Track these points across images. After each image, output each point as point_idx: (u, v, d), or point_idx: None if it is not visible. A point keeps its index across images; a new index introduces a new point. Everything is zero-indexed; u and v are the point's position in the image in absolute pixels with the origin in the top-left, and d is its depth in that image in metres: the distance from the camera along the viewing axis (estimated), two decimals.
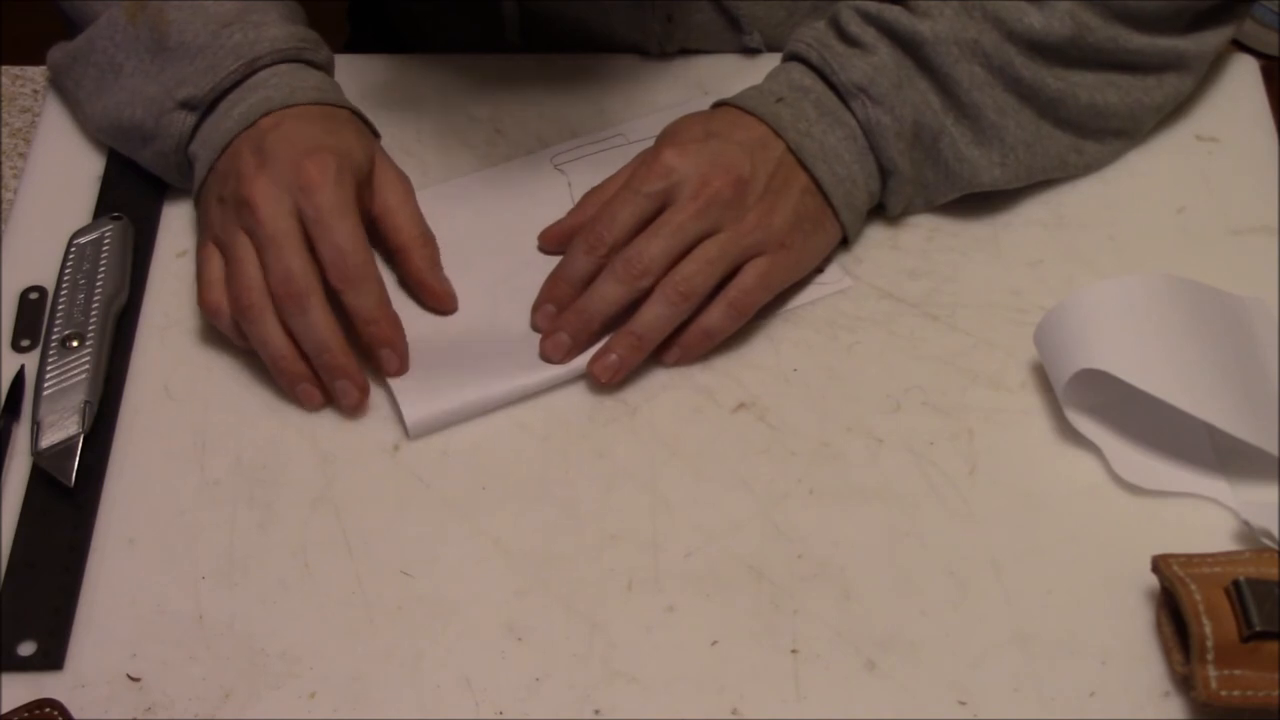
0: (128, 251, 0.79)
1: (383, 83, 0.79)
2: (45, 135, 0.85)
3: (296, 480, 0.71)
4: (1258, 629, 0.60)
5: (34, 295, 0.78)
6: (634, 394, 0.74)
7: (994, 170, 0.78)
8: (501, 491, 0.71)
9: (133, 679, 0.65)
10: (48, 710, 0.63)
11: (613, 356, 0.74)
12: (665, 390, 0.74)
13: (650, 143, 0.84)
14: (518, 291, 0.78)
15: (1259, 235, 0.80)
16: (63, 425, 0.71)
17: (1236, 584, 0.62)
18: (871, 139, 0.76)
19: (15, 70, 0.89)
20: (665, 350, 0.75)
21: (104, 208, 0.81)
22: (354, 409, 0.73)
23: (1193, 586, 0.62)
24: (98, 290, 0.76)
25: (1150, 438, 0.71)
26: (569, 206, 0.81)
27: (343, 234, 0.71)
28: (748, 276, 0.74)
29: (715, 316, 0.74)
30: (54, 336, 0.74)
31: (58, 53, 0.83)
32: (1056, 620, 0.66)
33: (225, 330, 0.74)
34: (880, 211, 0.80)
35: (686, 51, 0.89)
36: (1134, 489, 0.70)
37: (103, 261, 0.77)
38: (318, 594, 0.67)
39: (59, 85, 0.84)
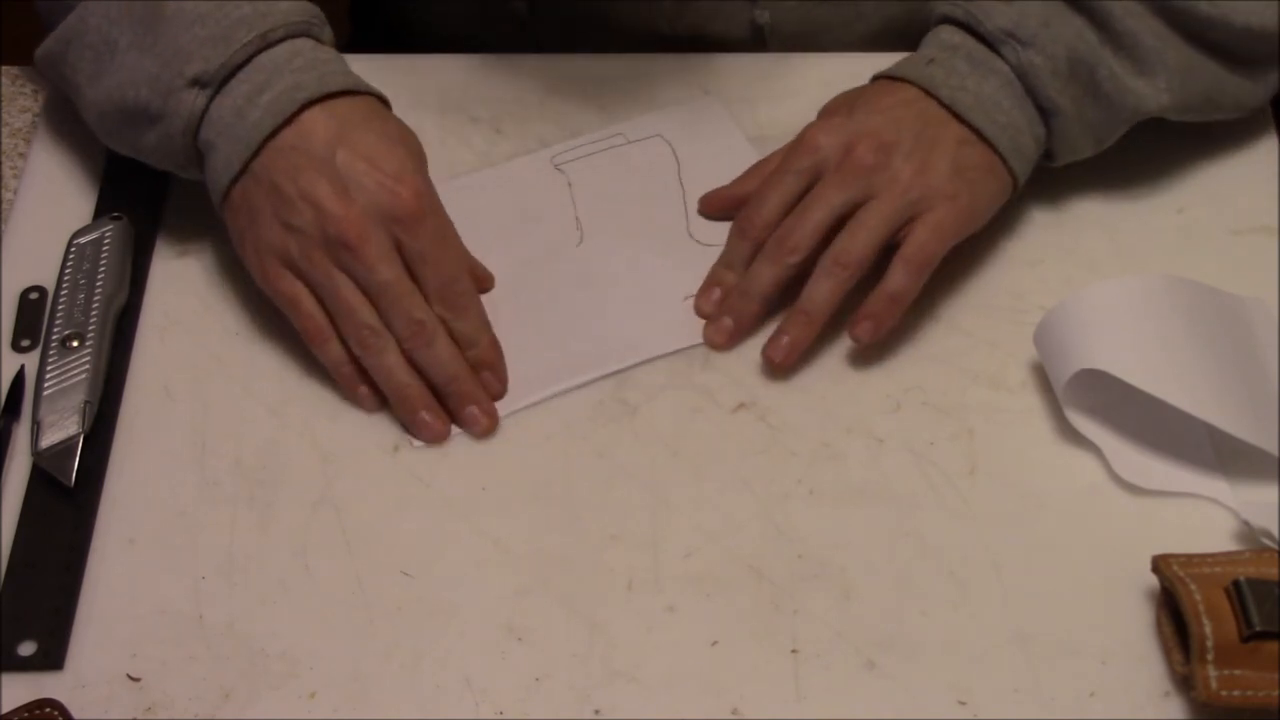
0: (128, 251, 0.78)
1: (383, 82, 0.78)
2: (45, 135, 0.85)
3: (297, 480, 0.71)
4: (1258, 629, 0.60)
5: (34, 295, 0.78)
6: (634, 394, 0.74)
7: (1160, 97, 0.76)
8: (501, 491, 0.71)
9: (133, 679, 0.65)
10: (48, 710, 0.63)
11: (785, 338, 0.74)
12: (665, 390, 0.74)
13: (651, 142, 0.84)
14: (518, 293, 0.78)
15: (1259, 235, 0.80)
16: (63, 425, 0.71)
17: (1236, 584, 0.62)
18: (1026, 82, 0.75)
19: (15, 70, 0.89)
20: (856, 325, 0.73)
21: (104, 208, 0.81)
22: (484, 433, 0.72)
23: (1193, 586, 0.62)
24: (98, 290, 0.76)
25: (1150, 438, 0.71)
26: (569, 206, 0.81)
27: (449, 264, 0.72)
28: (920, 231, 0.73)
29: (896, 278, 0.73)
30: (54, 336, 0.74)
31: (49, 43, 0.78)
32: (1056, 620, 0.66)
33: (331, 358, 0.73)
34: (1048, 161, 0.78)
35: (695, 37, 0.89)
36: (1134, 489, 0.70)
37: (103, 261, 0.77)
38: (318, 594, 0.67)
39: (56, 75, 0.79)
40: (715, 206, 0.81)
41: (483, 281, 0.78)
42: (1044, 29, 0.75)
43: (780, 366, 0.74)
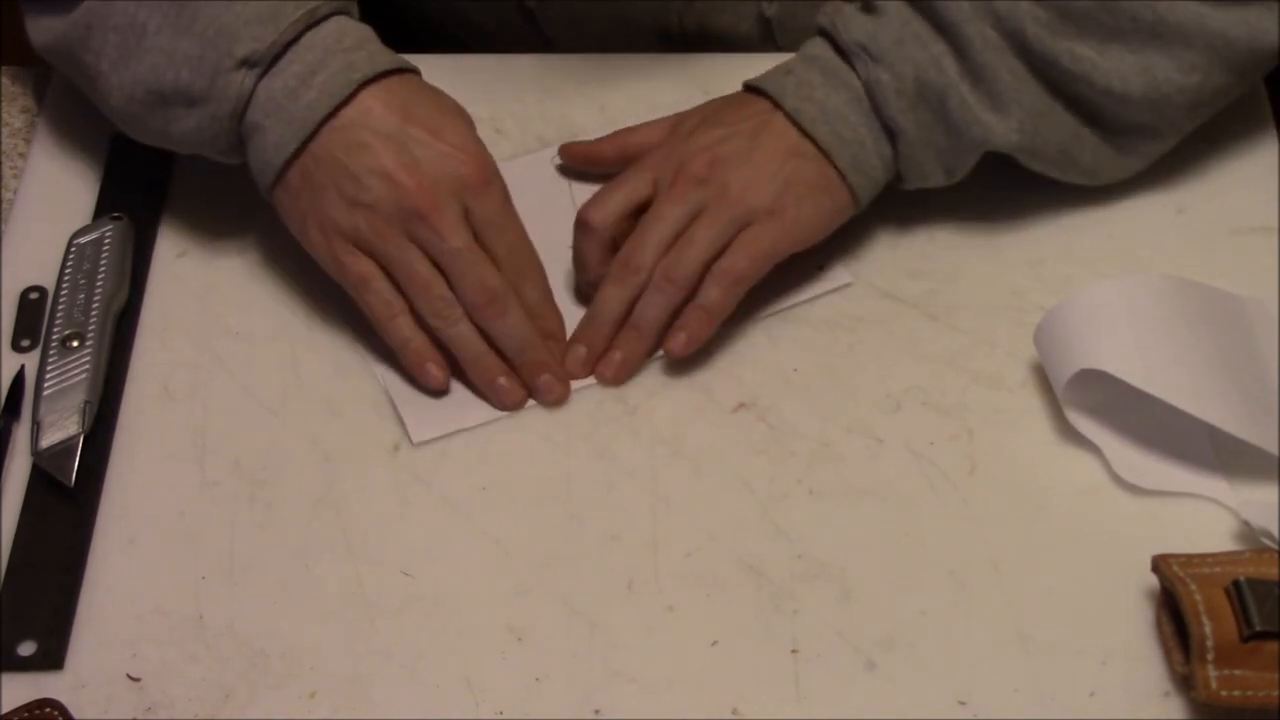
0: (128, 251, 0.78)
1: None
2: (45, 135, 0.85)
3: (296, 480, 0.71)
4: (1258, 629, 0.60)
5: (34, 295, 0.78)
6: (634, 394, 0.74)
7: (1010, 136, 0.75)
8: (501, 491, 0.71)
9: (133, 679, 0.65)
10: (48, 710, 0.63)
11: (616, 354, 0.74)
12: (665, 390, 0.74)
13: None
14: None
15: (1259, 235, 0.80)
16: (63, 425, 0.71)
17: (1236, 584, 0.62)
18: (872, 99, 0.75)
19: (15, 70, 0.89)
20: (670, 339, 0.74)
21: (104, 208, 0.81)
22: (558, 401, 0.74)
23: (1193, 586, 0.62)
24: (98, 290, 0.76)
25: (1150, 438, 0.71)
26: (569, 206, 0.81)
27: (515, 232, 0.74)
28: (735, 247, 0.73)
29: (708, 292, 0.73)
30: (54, 336, 0.74)
31: (60, 28, 0.75)
32: (1056, 620, 0.66)
33: (401, 335, 0.73)
34: (899, 184, 0.78)
35: (703, 29, 0.89)
36: (1134, 489, 0.70)
37: (103, 261, 0.77)
38: (318, 594, 0.67)
39: (69, 62, 0.77)
40: (576, 158, 0.83)
41: None
42: (896, 47, 0.74)
43: (612, 381, 0.74)
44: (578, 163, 0.83)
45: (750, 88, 0.78)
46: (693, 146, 0.75)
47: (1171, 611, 0.64)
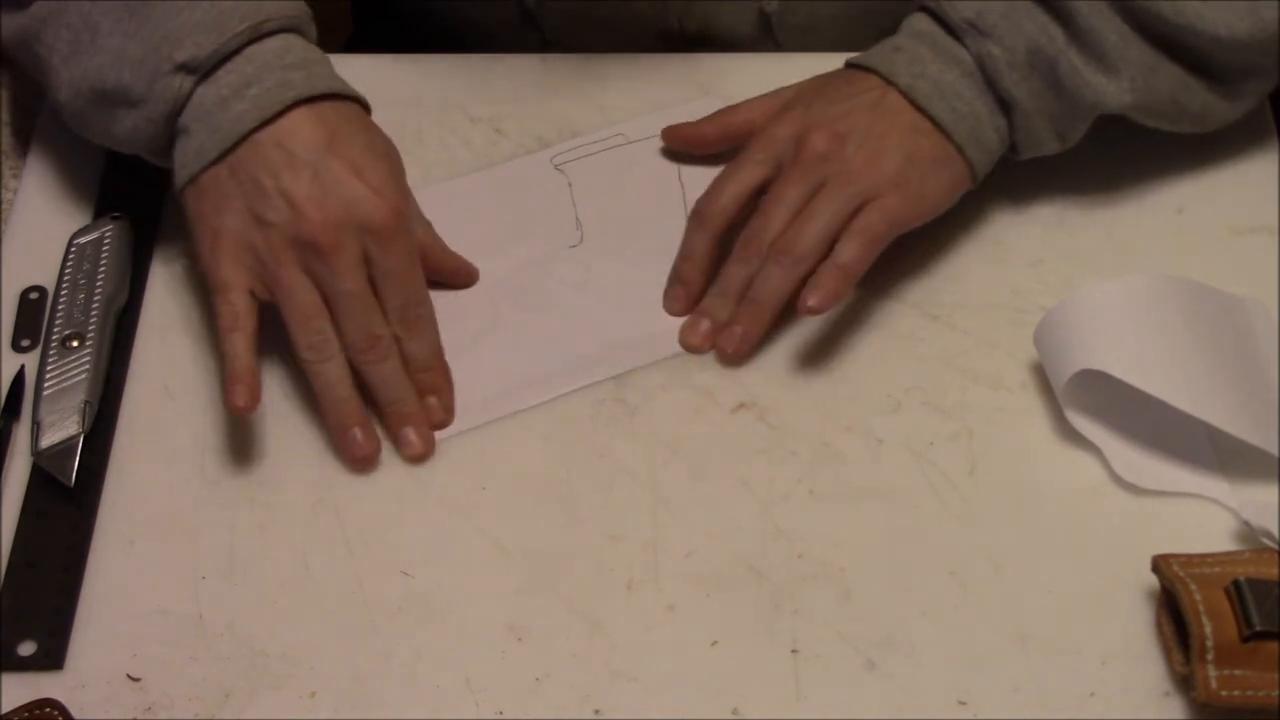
0: (128, 251, 0.78)
1: (383, 82, 0.78)
2: (45, 135, 0.85)
3: (296, 480, 0.71)
4: (1258, 629, 0.60)
5: (34, 295, 0.78)
6: (634, 394, 0.74)
7: (1124, 95, 0.75)
8: (501, 491, 0.71)
9: (133, 679, 0.65)
10: (48, 710, 0.63)
11: (737, 328, 0.74)
12: (665, 390, 0.74)
13: (651, 142, 0.84)
14: (517, 293, 0.78)
15: (1259, 235, 0.80)
16: (63, 425, 0.71)
17: (1236, 584, 0.62)
18: (986, 73, 0.75)
19: (15, 70, 0.89)
20: (807, 296, 0.72)
21: (104, 208, 0.81)
22: (418, 459, 0.72)
23: (1193, 586, 0.62)
24: (98, 290, 0.76)
25: (1150, 438, 0.71)
26: (569, 206, 0.81)
27: (414, 284, 0.72)
28: (870, 210, 0.73)
29: (845, 249, 0.73)
30: (54, 336, 0.74)
31: (20, 19, 0.76)
32: (1056, 620, 0.66)
33: (231, 347, 0.70)
34: (1013, 155, 0.78)
35: (703, 27, 0.89)
36: (1134, 489, 0.70)
37: (103, 261, 0.77)
38: (318, 594, 0.67)
39: (25, 53, 0.77)
40: (679, 140, 0.83)
41: (469, 277, 0.79)
42: (1004, 20, 0.74)
43: (733, 357, 0.74)
44: (682, 146, 0.83)
45: (855, 65, 0.78)
46: (812, 122, 0.75)
47: (1171, 611, 0.64)
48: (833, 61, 0.82)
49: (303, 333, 0.71)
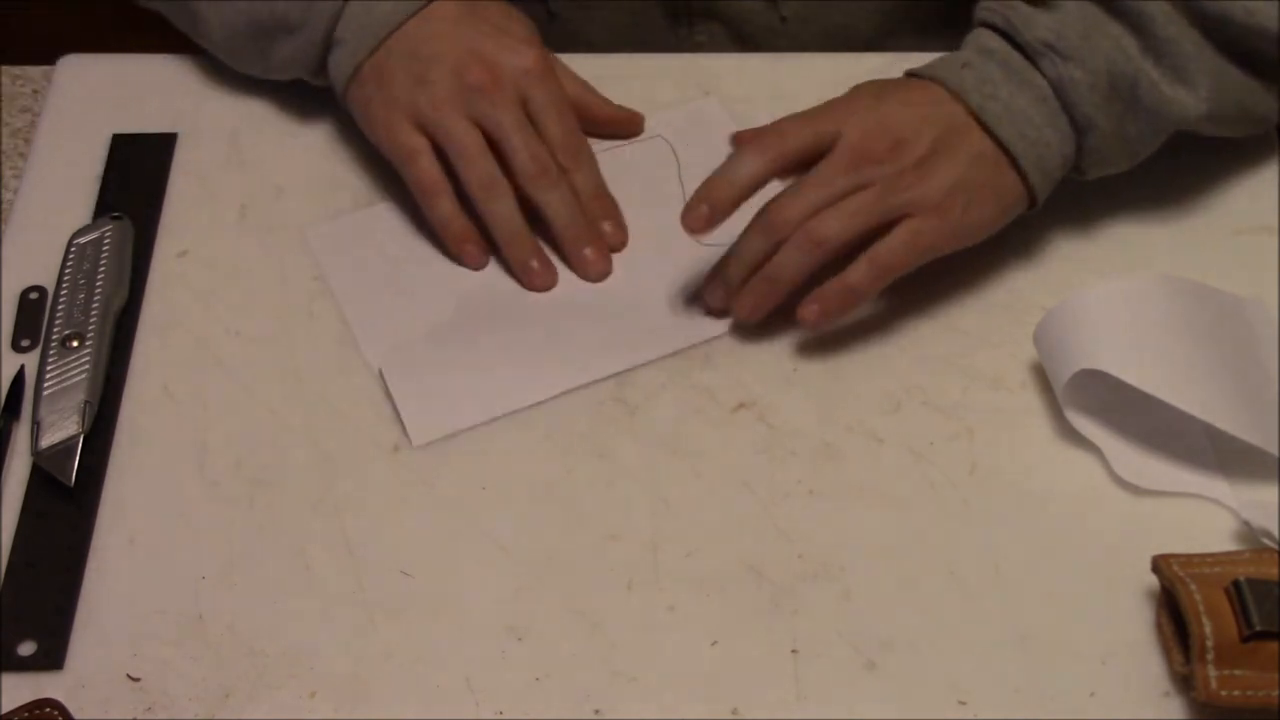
0: (128, 251, 0.79)
1: None
2: (45, 135, 0.85)
3: (297, 480, 0.71)
4: (1258, 629, 0.60)
5: (34, 295, 0.78)
6: (634, 394, 0.74)
7: (1200, 106, 0.74)
8: (501, 491, 0.71)
9: (133, 679, 0.65)
10: (48, 710, 0.63)
11: (750, 297, 0.74)
12: (665, 390, 0.74)
13: (650, 142, 0.84)
14: (518, 293, 0.78)
15: (1259, 235, 0.80)
16: (63, 425, 0.71)
17: (1236, 584, 0.62)
18: (1064, 97, 0.73)
19: (15, 70, 0.89)
20: (804, 306, 0.73)
21: (104, 208, 0.81)
22: (600, 276, 0.78)
23: (1193, 586, 0.62)
24: (98, 290, 0.76)
25: (1150, 438, 0.71)
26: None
27: (569, 120, 0.78)
28: (895, 235, 0.72)
29: (856, 272, 0.72)
30: (54, 336, 0.74)
31: None
32: (1056, 620, 0.66)
33: (442, 213, 0.77)
34: (1077, 175, 0.77)
35: (711, 11, 0.90)
36: (1134, 489, 0.70)
37: (103, 261, 0.77)
38: (318, 594, 0.67)
39: (172, 5, 0.84)
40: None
41: (632, 125, 0.84)
42: (1084, 41, 0.73)
43: (748, 319, 0.75)
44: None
45: (918, 75, 0.76)
46: (877, 119, 0.73)
47: (1171, 611, 0.64)
48: (837, 61, 0.83)
49: (473, 170, 0.76)
